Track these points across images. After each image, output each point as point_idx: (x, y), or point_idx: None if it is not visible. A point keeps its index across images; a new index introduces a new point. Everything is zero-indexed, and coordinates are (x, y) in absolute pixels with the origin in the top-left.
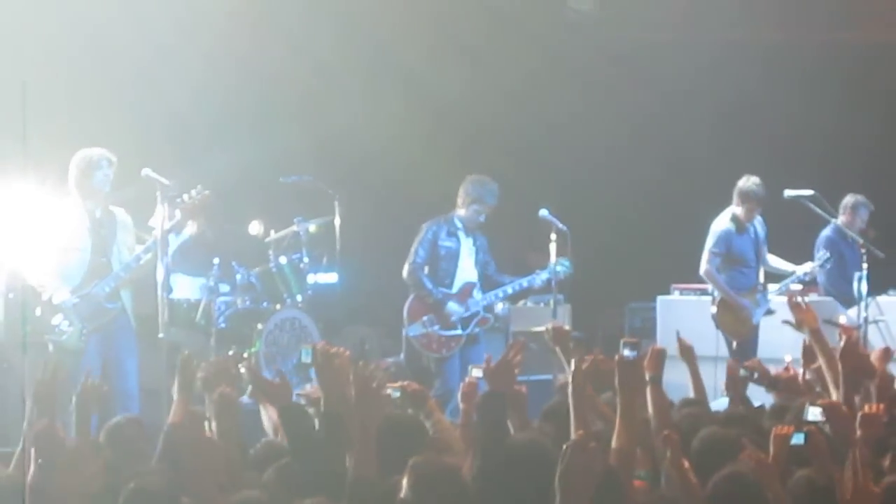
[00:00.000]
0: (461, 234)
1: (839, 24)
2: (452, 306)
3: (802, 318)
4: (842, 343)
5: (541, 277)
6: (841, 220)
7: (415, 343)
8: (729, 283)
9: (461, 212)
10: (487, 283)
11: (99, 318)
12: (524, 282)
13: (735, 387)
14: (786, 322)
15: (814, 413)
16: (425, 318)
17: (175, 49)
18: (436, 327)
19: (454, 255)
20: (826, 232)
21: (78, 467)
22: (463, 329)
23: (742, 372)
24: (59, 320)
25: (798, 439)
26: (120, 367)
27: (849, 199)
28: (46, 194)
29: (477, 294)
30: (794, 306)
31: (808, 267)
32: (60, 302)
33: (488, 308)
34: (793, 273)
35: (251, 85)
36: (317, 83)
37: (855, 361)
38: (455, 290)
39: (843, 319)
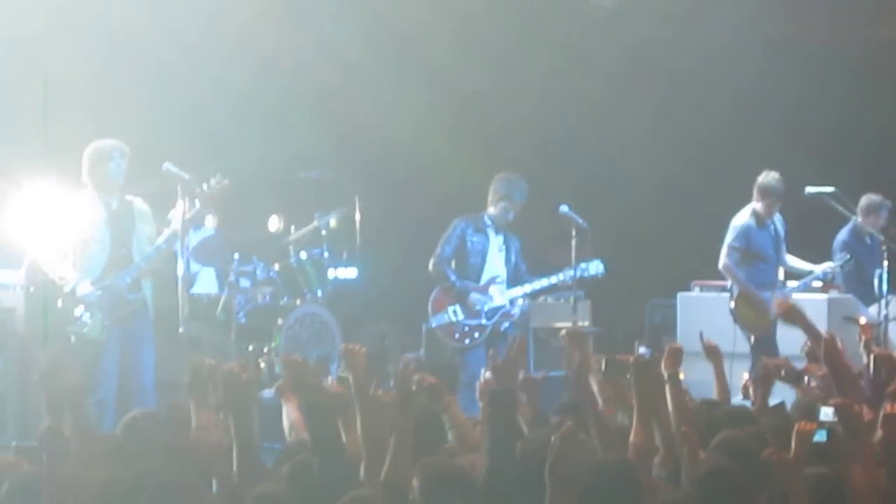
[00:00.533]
0: (490, 232)
1: (862, 19)
2: (476, 296)
3: (784, 313)
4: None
5: (569, 274)
6: (870, 220)
7: (438, 333)
8: (748, 279)
9: (491, 209)
10: (517, 283)
11: (120, 310)
12: (553, 278)
13: (765, 384)
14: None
15: (826, 413)
16: (450, 307)
17: (197, 43)
18: (461, 317)
19: (482, 252)
20: (842, 235)
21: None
22: (488, 319)
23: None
24: (81, 312)
25: (821, 436)
26: (138, 360)
27: (865, 201)
28: (66, 188)
29: (503, 288)
30: (778, 306)
31: (827, 266)
32: (83, 294)
33: (514, 302)
34: (811, 272)
35: (272, 79)
36: (339, 78)
37: (837, 362)
38: (480, 283)
39: (862, 320)
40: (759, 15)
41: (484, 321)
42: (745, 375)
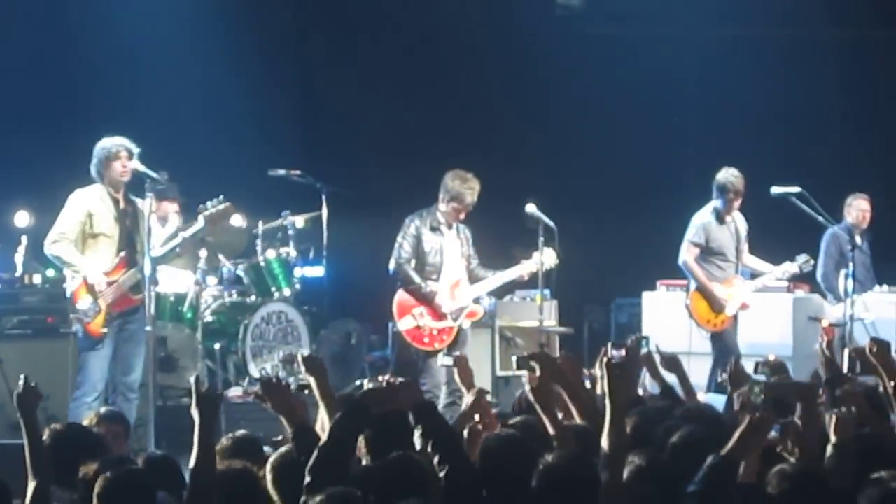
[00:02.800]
0: (444, 228)
1: (829, 19)
2: (442, 299)
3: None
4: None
5: (526, 268)
6: (849, 219)
7: (405, 337)
8: (705, 275)
9: (441, 206)
10: (470, 277)
11: (122, 306)
12: (511, 273)
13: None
14: None
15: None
16: (416, 310)
17: (166, 38)
18: (427, 319)
19: (440, 251)
20: (832, 227)
21: None
22: (454, 321)
23: (724, 376)
24: (90, 302)
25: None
26: (130, 360)
27: (847, 199)
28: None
29: (465, 286)
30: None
31: (787, 266)
32: (94, 282)
33: (477, 300)
34: (770, 273)
35: (239, 75)
36: (307, 73)
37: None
38: (442, 283)
39: (825, 322)
40: (726, 15)
41: (451, 323)
42: (724, 376)
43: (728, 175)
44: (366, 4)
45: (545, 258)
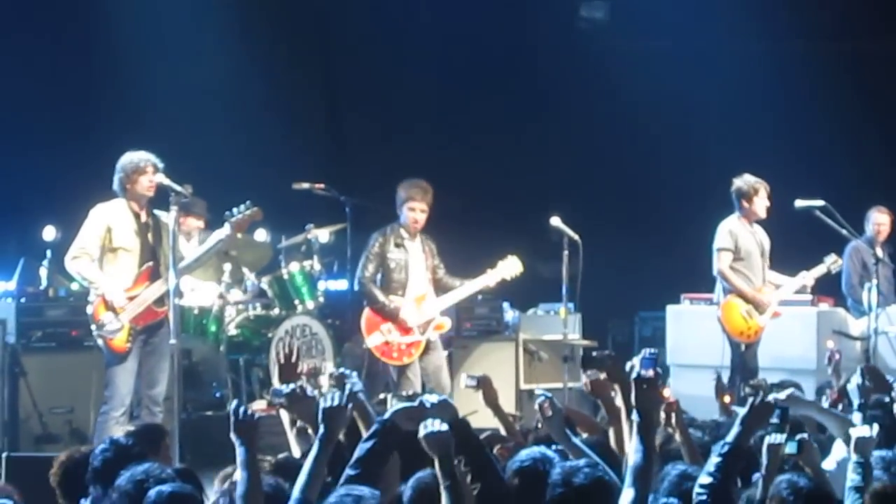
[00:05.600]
0: (407, 243)
1: (852, 32)
2: (407, 314)
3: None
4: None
5: (491, 278)
6: (868, 232)
7: (375, 353)
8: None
9: (401, 218)
10: (439, 286)
11: (147, 320)
12: (477, 283)
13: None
14: None
15: (791, 447)
16: (383, 326)
17: (190, 53)
18: (394, 335)
19: (405, 266)
20: (855, 240)
21: None
22: (421, 334)
23: (747, 390)
24: (110, 318)
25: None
26: (154, 373)
27: (868, 212)
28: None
29: (431, 299)
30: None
31: (803, 277)
32: (114, 299)
33: (444, 312)
34: (790, 283)
35: (263, 89)
36: (330, 86)
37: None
38: (408, 298)
39: (830, 343)
40: (749, 29)
41: (418, 336)
42: (748, 389)
43: (741, 181)
44: (390, 20)
45: (509, 267)
